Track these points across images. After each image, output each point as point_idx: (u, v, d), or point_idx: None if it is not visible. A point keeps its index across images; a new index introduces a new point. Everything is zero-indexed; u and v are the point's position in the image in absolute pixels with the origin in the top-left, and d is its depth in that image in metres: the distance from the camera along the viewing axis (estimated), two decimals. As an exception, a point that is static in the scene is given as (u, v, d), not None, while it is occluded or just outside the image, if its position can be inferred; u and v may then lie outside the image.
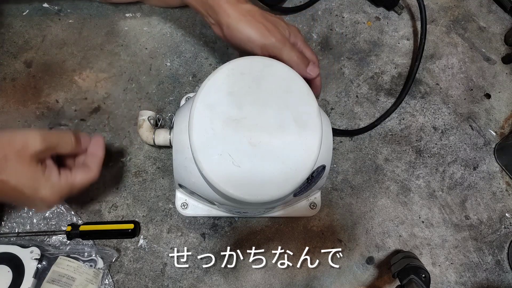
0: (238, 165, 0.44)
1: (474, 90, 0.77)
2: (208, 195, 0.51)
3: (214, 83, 0.46)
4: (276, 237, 0.68)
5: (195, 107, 0.45)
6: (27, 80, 0.71)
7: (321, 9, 0.79)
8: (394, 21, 0.79)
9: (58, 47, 0.73)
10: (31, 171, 0.43)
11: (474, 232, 0.70)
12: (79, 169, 0.49)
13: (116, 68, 0.73)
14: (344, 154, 0.72)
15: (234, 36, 0.50)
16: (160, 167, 0.69)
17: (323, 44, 0.77)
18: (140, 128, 0.62)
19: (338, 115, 0.74)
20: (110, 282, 0.64)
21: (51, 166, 0.46)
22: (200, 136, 0.45)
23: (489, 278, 0.69)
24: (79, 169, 0.49)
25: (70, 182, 0.47)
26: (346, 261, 0.68)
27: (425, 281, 0.58)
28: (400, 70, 0.77)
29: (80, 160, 0.53)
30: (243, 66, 0.47)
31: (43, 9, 0.74)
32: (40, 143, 0.44)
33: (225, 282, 0.66)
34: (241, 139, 0.45)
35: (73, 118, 0.70)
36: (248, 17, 0.50)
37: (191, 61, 0.74)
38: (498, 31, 0.80)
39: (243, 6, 0.51)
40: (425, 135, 0.74)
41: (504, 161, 0.73)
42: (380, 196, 0.71)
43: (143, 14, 0.75)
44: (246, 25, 0.49)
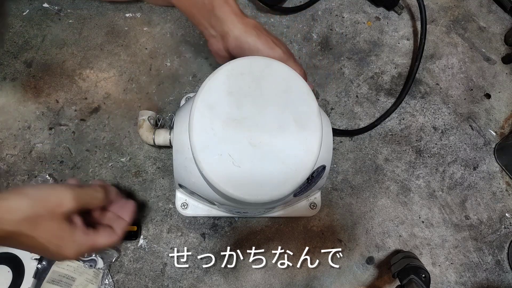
0: (238, 165, 0.44)
1: (474, 90, 0.77)
2: (208, 195, 0.51)
3: (214, 83, 0.46)
4: (276, 237, 0.68)
5: (195, 107, 0.45)
6: (27, 80, 0.71)
7: (321, 9, 0.79)
8: (394, 21, 0.79)
9: (58, 47, 0.73)
10: (60, 229, 0.43)
11: (474, 232, 0.70)
12: (104, 231, 0.49)
13: (116, 68, 0.73)
14: (344, 154, 0.72)
15: (242, 47, 0.51)
16: (160, 167, 0.69)
17: (323, 44, 0.77)
18: (140, 128, 0.62)
19: (338, 115, 0.74)
20: (110, 282, 0.64)
21: (78, 225, 0.46)
22: (200, 136, 0.44)
23: (489, 278, 0.69)
24: (104, 231, 0.49)
25: (92, 243, 0.47)
26: (346, 261, 0.68)
27: (425, 281, 0.58)
28: (400, 70, 0.77)
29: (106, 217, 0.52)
30: (243, 66, 0.47)
31: (43, 9, 0.74)
32: (72, 202, 0.44)
33: (225, 282, 0.66)
34: (241, 139, 0.45)
35: (73, 118, 0.70)
36: (256, 30, 0.52)
37: (191, 61, 0.74)
38: (498, 31, 0.80)
39: (249, 20, 0.52)
40: (425, 135, 0.74)
41: (504, 161, 0.73)
42: (380, 196, 0.71)
43: (143, 14, 0.75)
44: (255, 37, 0.51)
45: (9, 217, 0.41)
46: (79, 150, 0.69)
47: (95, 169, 0.68)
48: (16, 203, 0.42)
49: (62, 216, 0.43)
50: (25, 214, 0.41)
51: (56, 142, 0.69)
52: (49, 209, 0.42)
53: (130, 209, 0.54)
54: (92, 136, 0.69)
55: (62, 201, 0.43)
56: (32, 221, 0.42)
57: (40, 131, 0.69)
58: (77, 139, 0.69)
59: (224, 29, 0.52)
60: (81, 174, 0.68)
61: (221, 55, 0.56)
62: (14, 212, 0.41)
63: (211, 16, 0.53)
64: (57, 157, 0.68)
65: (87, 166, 0.68)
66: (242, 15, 0.52)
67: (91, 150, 0.69)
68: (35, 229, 0.42)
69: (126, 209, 0.53)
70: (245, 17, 0.52)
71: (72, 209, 0.44)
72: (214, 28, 0.54)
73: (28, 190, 0.43)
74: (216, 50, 0.56)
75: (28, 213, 0.41)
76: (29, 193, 0.42)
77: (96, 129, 0.70)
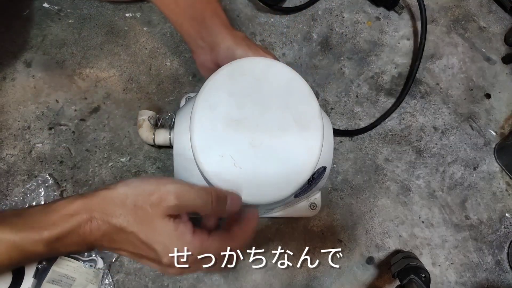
0: (240, 166, 0.44)
1: (474, 90, 0.77)
2: (208, 196, 0.51)
3: (215, 84, 0.46)
4: (276, 237, 0.68)
5: (196, 108, 0.45)
6: (27, 80, 0.71)
7: (321, 9, 0.79)
8: (394, 21, 0.79)
9: (58, 47, 0.73)
10: (162, 225, 0.39)
11: (474, 232, 0.71)
12: (220, 235, 0.43)
13: (116, 68, 0.72)
14: (344, 154, 0.72)
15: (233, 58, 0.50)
16: (160, 167, 0.69)
17: (323, 44, 0.77)
18: (140, 128, 0.62)
19: (338, 115, 0.74)
20: (110, 282, 0.64)
21: (185, 223, 0.41)
22: (201, 137, 0.44)
23: (489, 278, 0.69)
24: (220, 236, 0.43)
25: (206, 247, 0.42)
26: (346, 261, 0.68)
27: (425, 281, 0.58)
28: (400, 70, 0.77)
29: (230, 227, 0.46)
30: (244, 67, 0.47)
31: (43, 9, 0.74)
32: (174, 199, 0.39)
33: (225, 282, 0.66)
34: (242, 140, 0.45)
35: (73, 118, 0.70)
36: (246, 41, 0.52)
37: (191, 61, 0.74)
38: (498, 31, 0.80)
39: (238, 32, 0.53)
40: (425, 135, 0.74)
41: (504, 161, 0.73)
42: (380, 196, 0.71)
43: (143, 14, 0.75)
44: (246, 47, 0.51)
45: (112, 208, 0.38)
46: (79, 150, 0.69)
47: (95, 169, 0.68)
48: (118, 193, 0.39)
49: (164, 212, 0.39)
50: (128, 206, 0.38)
51: (56, 142, 0.69)
52: (149, 202, 0.39)
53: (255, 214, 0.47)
54: (92, 136, 0.69)
55: (164, 196, 0.39)
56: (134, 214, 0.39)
57: (40, 131, 0.69)
58: (77, 139, 0.69)
59: (215, 40, 0.52)
60: (81, 174, 0.68)
61: (207, 67, 0.56)
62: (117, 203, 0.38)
63: (201, 26, 0.53)
64: (57, 157, 0.68)
65: (87, 166, 0.68)
66: (231, 27, 0.53)
67: (91, 150, 0.69)
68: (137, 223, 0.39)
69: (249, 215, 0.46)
70: (234, 30, 0.53)
71: (173, 205, 0.39)
72: (203, 39, 0.54)
73: (130, 181, 0.40)
74: (203, 62, 0.56)
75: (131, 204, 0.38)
76: (132, 184, 0.40)
77: (96, 129, 0.70)
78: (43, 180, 0.66)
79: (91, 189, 0.67)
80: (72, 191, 0.67)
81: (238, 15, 0.77)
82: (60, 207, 0.38)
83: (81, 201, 0.38)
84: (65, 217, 0.37)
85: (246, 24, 0.76)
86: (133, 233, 0.39)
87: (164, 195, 0.39)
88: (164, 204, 0.39)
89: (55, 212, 0.37)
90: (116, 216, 0.38)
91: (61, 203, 0.38)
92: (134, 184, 0.40)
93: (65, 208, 0.38)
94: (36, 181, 0.66)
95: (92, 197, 0.38)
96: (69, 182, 0.67)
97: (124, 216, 0.38)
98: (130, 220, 0.38)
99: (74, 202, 0.38)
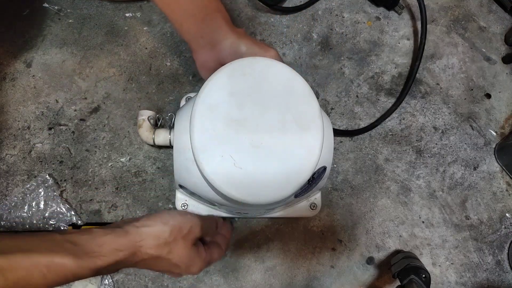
0: (240, 166, 0.44)
1: (475, 90, 0.77)
2: (209, 196, 0.51)
3: (215, 84, 0.46)
4: (276, 237, 0.68)
5: (196, 108, 0.45)
6: (27, 80, 0.71)
7: (321, 9, 0.79)
8: (394, 21, 0.79)
9: (58, 47, 0.73)
10: (190, 252, 0.50)
11: (474, 232, 0.70)
12: (215, 248, 0.56)
13: (116, 67, 0.72)
14: (344, 154, 0.72)
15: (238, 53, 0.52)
16: (160, 167, 0.69)
17: (323, 44, 0.77)
18: (140, 128, 0.62)
19: (338, 115, 0.74)
20: (110, 282, 0.64)
21: (200, 246, 0.53)
22: (201, 137, 0.44)
23: (489, 278, 0.69)
24: (215, 248, 0.56)
25: (210, 259, 0.54)
26: (346, 261, 0.68)
27: (425, 281, 0.58)
28: (400, 70, 0.77)
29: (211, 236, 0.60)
30: (245, 67, 0.47)
31: (43, 9, 0.74)
32: (199, 230, 0.51)
33: (225, 282, 0.66)
34: (243, 140, 0.45)
35: (73, 118, 0.70)
36: (247, 36, 0.53)
37: (191, 61, 0.73)
38: (498, 31, 0.80)
39: (239, 29, 0.54)
40: (426, 135, 0.74)
41: (505, 161, 0.73)
42: (380, 196, 0.71)
43: (143, 14, 0.75)
44: (250, 41, 0.52)
45: (154, 243, 0.47)
46: (78, 150, 0.69)
47: (94, 169, 0.68)
48: (159, 230, 0.47)
49: (192, 241, 0.50)
50: (166, 240, 0.47)
51: (56, 142, 0.69)
52: (182, 234, 0.49)
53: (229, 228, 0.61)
54: (91, 136, 0.69)
55: (193, 229, 0.50)
56: (170, 246, 0.48)
57: (40, 131, 0.69)
58: (76, 139, 0.69)
59: (217, 38, 0.52)
60: (81, 174, 0.68)
61: (208, 66, 0.55)
62: (158, 238, 0.47)
63: (202, 24, 0.53)
64: (57, 157, 0.68)
65: (86, 166, 0.68)
66: (233, 25, 0.53)
67: (90, 150, 0.69)
68: (171, 252, 0.48)
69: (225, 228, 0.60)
70: (236, 27, 0.54)
71: (199, 235, 0.51)
72: (204, 37, 0.53)
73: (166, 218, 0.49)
74: (204, 61, 0.56)
75: (169, 239, 0.47)
76: (169, 221, 0.48)
77: (95, 129, 0.70)
78: (42, 180, 0.66)
79: (91, 189, 0.67)
80: (72, 191, 0.67)
81: (238, 15, 0.77)
82: (110, 241, 0.44)
83: (127, 238, 0.45)
84: (115, 251, 0.44)
85: (246, 24, 0.76)
86: (167, 259, 0.48)
87: (192, 229, 0.50)
88: (193, 236, 0.50)
89: (107, 245, 0.44)
90: (155, 248, 0.47)
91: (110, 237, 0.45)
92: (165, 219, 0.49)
93: (114, 243, 0.44)
94: (36, 181, 0.66)
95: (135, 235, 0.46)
96: (69, 182, 0.67)
97: (162, 248, 0.47)
98: (165, 251, 0.47)
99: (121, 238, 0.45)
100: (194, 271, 0.52)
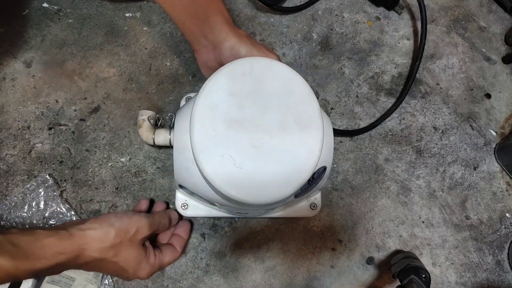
0: (240, 166, 0.44)
1: (475, 90, 0.77)
2: (209, 196, 0.51)
3: (215, 84, 0.46)
4: (276, 237, 0.68)
5: (196, 108, 0.45)
6: (27, 80, 0.71)
7: (321, 9, 0.79)
8: (394, 21, 0.79)
9: (57, 47, 0.73)
10: (138, 254, 0.50)
11: (474, 232, 0.70)
12: (168, 250, 0.56)
13: (115, 67, 0.72)
14: (344, 154, 0.72)
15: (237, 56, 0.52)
16: (160, 167, 0.69)
17: (323, 44, 0.77)
18: (140, 128, 0.62)
19: (338, 115, 0.74)
20: (110, 282, 0.64)
21: (150, 248, 0.53)
22: (201, 137, 0.44)
23: (490, 278, 0.69)
24: (168, 250, 0.56)
25: (161, 262, 0.54)
26: (346, 261, 0.68)
27: (425, 281, 0.58)
28: (400, 70, 0.77)
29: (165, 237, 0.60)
30: (245, 67, 0.47)
31: (43, 9, 0.74)
32: (148, 229, 0.51)
33: (225, 282, 0.66)
34: (243, 140, 0.45)
35: (73, 118, 0.70)
36: (249, 39, 0.53)
37: (191, 61, 0.74)
38: (498, 31, 0.80)
39: (241, 31, 0.54)
40: (426, 135, 0.74)
41: (505, 161, 0.73)
42: (380, 196, 0.71)
43: (143, 14, 0.75)
44: (250, 45, 0.52)
45: (98, 246, 0.46)
46: (78, 150, 0.69)
47: (94, 169, 0.68)
48: (104, 232, 0.47)
49: (139, 243, 0.50)
50: (112, 243, 0.47)
51: (56, 142, 0.69)
52: (128, 236, 0.49)
53: (187, 227, 0.62)
54: (91, 136, 0.69)
55: (140, 230, 0.50)
56: (116, 248, 0.48)
57: (40, 131, 0.69)
58: (76, 139, 0.69)
59: (218, 39, 0.52)
60: (81, 174, 0.68)
61: (209, 66, 0.56)
62: (103, 241, 0.47)
63: (204, 25, 0.53)
64: (57, 157, 0.68)
65: (86, 166, 0.68)
66: (234, 25, 0.54)
67: (90, 150, 0.69)
68: (117, 255, 0.48)
69: (183, 228, 0.61)
70: (237, 28, 0.54)
71: (147, 236, 0.51)
72: (206, 38, 0.54)
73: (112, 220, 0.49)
74: (205, 61, 0.56)
75: (114, 241, 0.47)
76: (114, 224, 0.48)
77: (95, 129, 0.70)
78: (42, 180, 0.66)
79: (91, 189, 0.67)
80: (72, 191, 0.67)
81: (238, 15, 0.77)
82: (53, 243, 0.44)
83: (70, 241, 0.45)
84: (56, 254, 0.44)
85: (246, 24, 0.76)
86: (113, 262, 0.48)
87: (139, 230, 0.50)
88: (140, 237, 0.50)
89: (48, 248, 0.43)
90: (99, 252, 0.46)
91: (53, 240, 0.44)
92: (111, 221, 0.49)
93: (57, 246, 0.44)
94: (35, 181, 0.66)
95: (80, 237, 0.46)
96: (69, 182, 0.67)
97: (107, 251, 0.47)
98: (110, 254, 0.47)
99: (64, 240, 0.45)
100: (142, 275, 0.52)
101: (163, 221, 0.55)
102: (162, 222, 0.55)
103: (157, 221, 0.53)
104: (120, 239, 0.48)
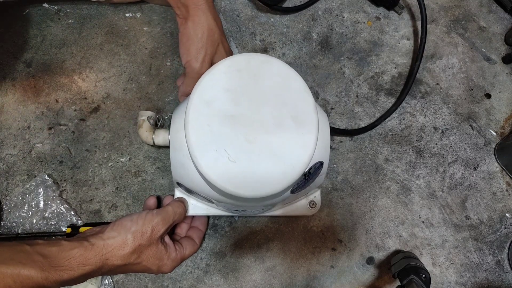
0: (234, 160, 0.44)
1: (475, 90, 0.77)
2: (205, 192, 0.51)
3: (211, 80, 0.46)
4: (276, 237, 0.68)
5: (192, 104, 0.45)
6: (27, 80, 0.71)
7: (321, 9, 0.79)
8: (394, 21, 0.79)
9: (57, 47, 0.73)
10: (158, 251, 0.52)
11: (474, 232, 0.70)
12: (187, 243, 0.58)
13: (115, 68, 0.73)
14: (344, 154, 0.72)
15: None
16: (159, 167, 0.69)
17: (323, 44, 0.77)
18: (140, 128, 0.62)
19: (338, 115, 0.74)
20: (110, 282, 0.64)
21: (170, 244, 0.54)
22: (196, 132, 0.45)
23: (490, 278, 0.69)
24: (187, 243, 0.58)
25: (182, 256, 0.56)
26: (346, 261, 0.68)
27: (425, 281, 0.58)
28: (400, 70, 0.77)
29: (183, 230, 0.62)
30: (240, 63, 0.47)
31: (43, 9, 0.74)
32: (162, 226, 0.52)
33: (225, 282, 0.66)
34: (238, 135, 0.45)
35: (73, 118, 0.70)
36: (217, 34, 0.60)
37: (191, 61, 0.74)
38: (498, 31, 0.80)
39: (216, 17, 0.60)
40: (426, 135, 0.74)
41: (505, 161, 0.73)
42: (380, 196, 0.71)
43: (143, 14, 0.75)
44: None
45: (120, 253, 0.48)
46: (78, 150, 0.69)
47: (94, 169, 0.68)
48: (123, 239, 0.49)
49: (158, 240, 0.52)
50: (131, 248, 0.49)
51: (56, 142, 0.69)
52: (146, 238, 0.50)
53: (204, 220, 0.63)
54: (91, 136, 0.69)
55: (155, 228, 0.51)
56: (137, 252, 0.50)
57: (40, 131, 0.69)
58: (76, 139, 0.69)
59: None
60: (81, 174, 0.68)
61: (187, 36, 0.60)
62: (123, 248, 0.48)
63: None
64: (57, 157, 0.68)
65: (86, 166, 0.68)
66: None
67: (90, 150, 0.69)
68: (139, 257, 0.50)
69: (201, 220, 0.62)
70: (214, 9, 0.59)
71: (164, 231, 0.52)
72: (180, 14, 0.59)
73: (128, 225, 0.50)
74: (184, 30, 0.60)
75: (133, 246, 0.49)
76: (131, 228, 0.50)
77: (95, 129, 0.70)
78: (42, 180, 0.66)
79: (91, 189, 0.67)
80: (72, 191, 0.67)
81: (238, 15, 0.77)
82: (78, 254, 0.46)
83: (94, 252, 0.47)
84: (81, 265, 0.46)
85: (246, 24, 0.76)
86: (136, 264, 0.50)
87: (154, 227, 0.51)
88: (157, 235, 0.51)
89: (73, 260, 0.45)
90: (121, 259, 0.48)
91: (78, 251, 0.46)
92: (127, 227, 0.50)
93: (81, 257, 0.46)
94: (35, 181, 0.66)
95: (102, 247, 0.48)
96: (69, 182, 0.67)
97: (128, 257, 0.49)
98: (132, 258, 0.49)
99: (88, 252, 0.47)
100: (166, 270, 0.53)
101: (178, 210, 0.56)
102: (178, 212, 0.56)
103: (171, 214, 0.54)
104: (138, 242, 0.49)
